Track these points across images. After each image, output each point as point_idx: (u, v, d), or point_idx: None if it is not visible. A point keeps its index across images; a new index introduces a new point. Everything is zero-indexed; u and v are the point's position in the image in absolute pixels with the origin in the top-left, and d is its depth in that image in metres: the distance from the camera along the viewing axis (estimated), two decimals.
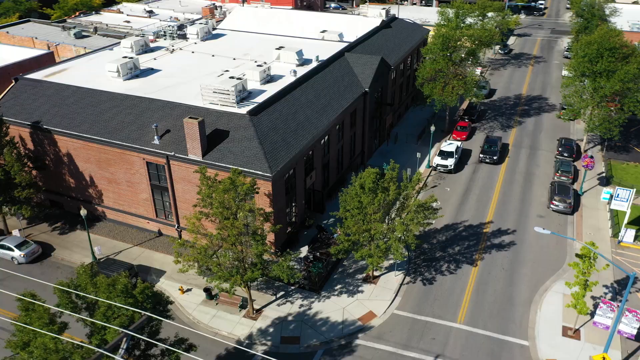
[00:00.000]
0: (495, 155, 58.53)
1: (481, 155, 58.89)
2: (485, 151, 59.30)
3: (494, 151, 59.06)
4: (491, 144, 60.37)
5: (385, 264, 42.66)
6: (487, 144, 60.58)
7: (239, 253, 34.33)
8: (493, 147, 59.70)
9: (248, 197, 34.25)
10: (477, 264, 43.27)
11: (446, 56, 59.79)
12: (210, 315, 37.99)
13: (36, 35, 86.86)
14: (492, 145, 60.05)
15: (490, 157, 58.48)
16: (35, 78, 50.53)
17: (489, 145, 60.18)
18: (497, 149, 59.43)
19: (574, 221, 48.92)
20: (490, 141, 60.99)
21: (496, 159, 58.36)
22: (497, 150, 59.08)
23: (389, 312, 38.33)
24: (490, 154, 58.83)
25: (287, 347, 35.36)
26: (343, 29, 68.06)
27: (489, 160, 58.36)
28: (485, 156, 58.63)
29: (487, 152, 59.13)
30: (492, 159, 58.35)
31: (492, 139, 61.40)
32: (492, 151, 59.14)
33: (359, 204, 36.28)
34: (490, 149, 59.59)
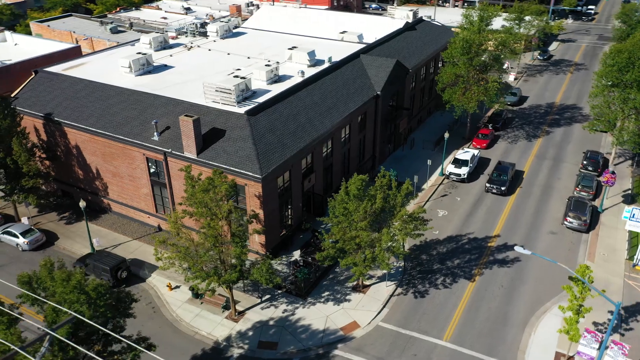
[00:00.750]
0: (503, 185, 52.01)
1: (487, 184, 52.59)
2: (492, 180, 52.73)
3: (503, 181, 52.47)
4: (501, 172, 53.44)
5: (378, 273, 41.49)
6: (496, 171, 53.75)
7: (219, 254, 34.03)
8: (502, 176, 52.91)
9: (226, 198, 33.81)
10: (475, 279, 41.39)
11: (467, 61, 57.64)
12: (194, 314, 37.94)
13: (74, 29, 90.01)
14: (502, 174, 53.17)
15: (498, 187, 51.95)
16: (53, 71, 52.09)
17: (499, 174, 53.29)
18: (507, 178, 52.70)
19: (588, 240, 46.09)
20: (501, 169, 54.02)
21: (504, 189, 51.83)
22: (506, 180, 52.52)
23: (374, 323, 37.15)
24: (498, 183, 52.26)
25: (264, 352, 34.82)
26: (365, 30, 66.94)
27: (495, 191, 52.01)
28: (492, 186, 52.18)
29: (494, 182, 52.49)
30: (500, 189, 51.83)
31: (503, 166, 54.47)
32: (500, 181, 52.54)
33: (345, 211, 35.31)
34: (499, 178, 52.81)
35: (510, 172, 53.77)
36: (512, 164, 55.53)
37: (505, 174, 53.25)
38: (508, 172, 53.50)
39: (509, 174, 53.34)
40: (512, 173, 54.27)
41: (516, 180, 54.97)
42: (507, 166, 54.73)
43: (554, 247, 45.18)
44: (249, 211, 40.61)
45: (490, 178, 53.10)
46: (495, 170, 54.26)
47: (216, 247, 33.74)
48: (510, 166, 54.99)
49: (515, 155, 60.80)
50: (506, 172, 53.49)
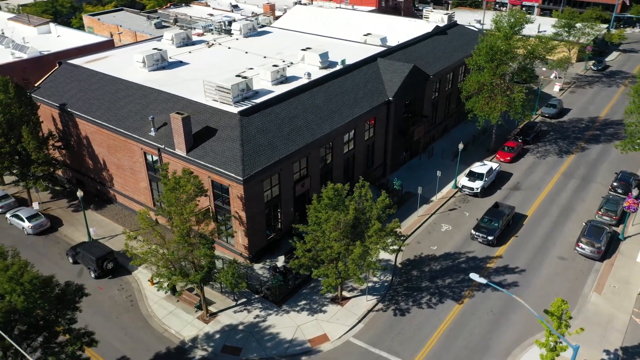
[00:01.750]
0: (491, 234, 43.68)
1: (473, 231, 44.67)
2: (480, 226, 44.51)
3: (492, 229, 44.07)
4: (493, 218, 44.99)
5: (361, 286, 39.92)
6: (487, 216, 45.39)
7: (188, 253, 33.86)
8: (493, 223, 44.52)
9: (193, 198, 33.49)
10: (463, 301, 38.99)
11: (491, 68, 54.58)
12: (167, 311, 38.02)
13: (121, 23, 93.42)
14: (494, 220, 44.72)
15: (484, 236, 43.75)
16: (75, 63, 54.00)
17: (490, 219, 44.91)
18: (497, 226, 44.30)
19: (600, 269, 42.35)
20: (494, 213, 45.75)
21: (492, 239, 43.53)
22: (496, 229, 44.09)
23: (344, 338, 35.76)
24: (486, 231, 43.89)
25: (226, 356, 34.32)
26: (394, 33, 65.20)
27: (481, 240, 44.06)
28: (478, 234, 44.12)
29: (481, 229, 44.20)
30: (487, 239, 43.69)
31: (497, 211, 46.16)
32: (489, 228, 44.14)
33: (317, 219, 34.15)
34: (489, 225, 44.38)
35: (504, 219, 45.51)
36: (510, 207, 47.46)
37: (497, 220, 44.86)
38: (502, 219, 45.19)
39: (502, 221, 45.05)
40: (507, 219, 46.10)
41: (513, 227, 46.88)
42: (503, 211, 46.45)
43: (559, 274, 41.86)
44: (233, 212, 40.31)
45: (478, 224, 45.16)
46: (486, 214, 45.93)
47: (184, 247, 33.56)
48: (508, 210, 46.94)
49: (540, 172, 57.05)
50: (499, 218, 45.09)
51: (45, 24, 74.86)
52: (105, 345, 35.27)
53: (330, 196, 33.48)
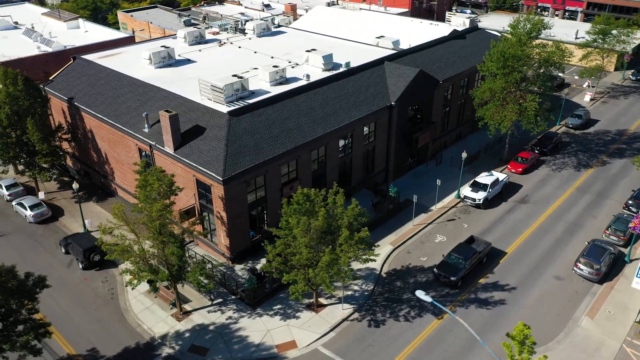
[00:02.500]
0: (454, 274, 38.98)
1: (436, 269, 40.00)
2: (443, 264, 39.99)
3: (456, 268, 39.30)
4: (460, 255, 40.11)
5: (339, 293, 39.12)
6: (455, 253, 40.71)
7: (158, 251, 34.07)
8: (460, 261, 39.81)
9: (161, 196, 33.59)
10: (443, 317, 37.51)
11: (502, 75, 52.45)
12: (144, 307, 38.43)
13: (152, 20, 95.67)
14: (461, 258, 39.94)
15: (447, 275, 39.14)
16: (88, 58, 55.50)
17: (456, 257, 40.19)
18: (464, 266, 39.54)
19: (597, 292, 39.89)
20: (462, 250, 40.72)
21: (454, 280, 38.84)
22: (462, 269, 39.36)
23: (313, 346, 35.09)
24: (449, 271, 39.20)
25: (192, 356, 34.32)
26: (409, 36, 63.69)
27: (443, 279, 39.47)
28: (440, 272, 39.56)
29: (444, 267, 39.64)
30: (449, 279, 38.98)
31: (467, 248, 40.99)
32: (453, 267, 39.42)
33: (287, 224, 33.64)
34: (454, 263, 39.72)
35: (474, 257, 40.53)
36: (485, 244, 42.42)
37: (464, 259, 39.90)
38: (470, 257, 40.21)
39: (470, 260, 40.13)
40: (478, 257, 41.04)
41: (488, 265, 41.91)
42: (474, 248, 41.21)
43: (552, 294, 39.72)
44: (215, 212, 40.33)
45: (443, 260, 40.79)
46: (453, 250, 41.16)
47: (156, 245, 33.78)
48: (482, 247, 41.93)
49: (553, 185, 54.41)
50: (467, 257, 40.10)
51: (74, 20, 77.51)
52: (78, 335, 36.15)
53: (300, 201, 32.87)
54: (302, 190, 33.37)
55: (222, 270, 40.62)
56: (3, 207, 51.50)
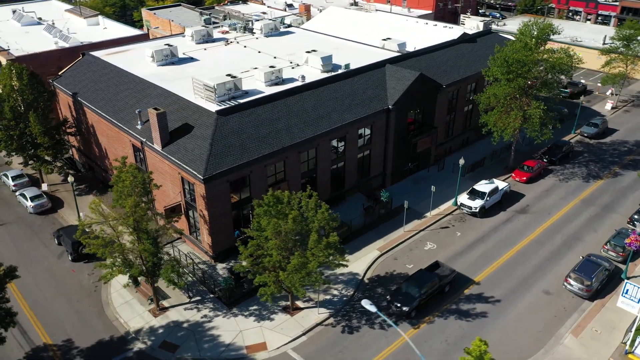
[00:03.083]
0: (408, 304, 36.02)
1: (389, 297, 37.37)
2: (396, 293, 37.12)
3: (410, 298, 36.34)
4: (415, 284, 37.07)
5: (316, 297, 38.78)
6: (410, 281, 37.72)
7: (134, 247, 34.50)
8: (413, 290, 36.76)
9: (134, 193, 33.91)
10: (420, 326, 36.68)
11: (506, 81, 50.96)
12: (124, 300, 38.98)
13: (174, 18, 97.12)
14: (415, 286, 36.85)
15: (399, 306, 36.25)
16: (96, 55, 56.76)
17: (409, 285, 37.28)
18: (418, 295, 36.38)
19: (586, 310, 38.27)
20: (420, 278, 37.66)
21: (407, 310, 35.85)
22: (415, 298, 36.31)
23: (283, 349, 34.86)
24: (402, 300, 36.27)
25: (162, 352, 34.59)
26: (418, 39, 62.68)
27: (394, 309, 36.57)
28: (393, 302, 36.72)
29: (398, 296, 36.74)
30: (401, 309, 36.08)
31: (425, 275, 37.85)
32: (406, 297, 36.44)
33: (258, 225, 33.52)
34: (407, 292, 36.70)
35: (431, 286, 37.34)
36: (450, 271, 39.15)
37: (420, 287, 36.78)
38: (426, 286, 37.08)
39: (427, 289, 37.04)
40: (437, 286, 37.84)
41: (451, 293, 38.86)
42: (431, 277, 37.91)
43: (537, 309, 38.33)
44: (198, 211, 40.59)
45: (397, 288, 37.92)
46: (410, 278, 38.32)
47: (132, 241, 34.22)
48: (446, 273, 38.74)
49: (557, 196, 52.57)
50: (423, 285, 36.98)
51: (94, 16, 79.36)
52: (56, 325, 36.96)
53: (270, 203, 32.70)
54: (272, 192, 33.19)
55: (202, 268, 40.86)
56: (8, 197, 53.19)
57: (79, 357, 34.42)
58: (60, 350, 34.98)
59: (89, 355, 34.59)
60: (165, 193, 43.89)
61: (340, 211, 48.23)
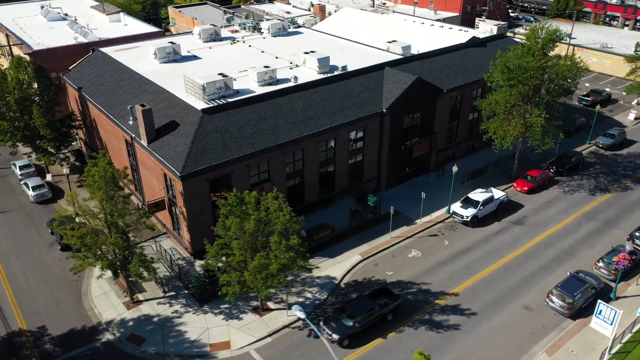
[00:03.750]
0: (340, 333, 34.08)
1: (322, 323, 35.33)
2: (331, 319, 35.15)
3: (343, 326, 34.27)
4: (352, 311, 34.74)
5: (291, 299, 38.67)
6: (346, 306, 35.66)
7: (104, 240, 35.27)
8: (345, 321, 34.50)
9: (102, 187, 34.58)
10: (388, 336, 36.01)
11: (508, 87, 49.44)
12: (102, 291, 39.91)
13: (197, 16, 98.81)
14: (352, 314, 34.56)
15: (330, 333, 34.30)
16: (104, 51, 58.29)
17: (347, 313, 34.97)
18: (352, 323, 34.29)
19: (565, 328, 36.71)
20: (356, 305, 35.44)
21: (338, 339, 33.95)
22: (351, 327, 34.30)
23: (246, 349, 34.91)
24: (334, 328, 34.29)
25: (128, 345, 35.24)
26: (426, 42, 61.55)
27: (326, 336, 34.41)
28: (325, 329, 34.77)
29: (331, 323, 34.79)
30: (331, 337, 34.15)
31: (361, 303, 35.44)
32: (339, 324, 34.42)
33: (223, 224, 33.67)
34: (338, 322, 34.52)
35: (370, 314, 34.98)
36: (394, 299, 36.64)
37: (355, 316, 34.56)
38: (365, 314, 34.73)
39: (364, 317, 34.69)
40: (377, 314, 35.38)
41: (395, 322, 36.40)
42: (370, 304, 35.49)
43: (515, 325, 37.04)
44: (178, 207, 41.13)
45: (333, 314, 36.06)
46: (347, 304, 35.95)
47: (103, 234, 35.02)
48: (389, 300, 36.34)
49: (558, 208, 50.66)
50: (358, 313, 34.68)
51: (116, 13, 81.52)
52: (34, 312, 38.20)
53: (233, 203, 32.79)
54: (235, 192, 33.28)
55: (180, 264, 41.41)
56: (15, 185, 55.32)
57: (50, 344, 35.45)
58: (34, 336, 36.12)
59: (59, 343, 35.57)
60: (152, 188, 44.71)
61: (328, 214, 48.30)
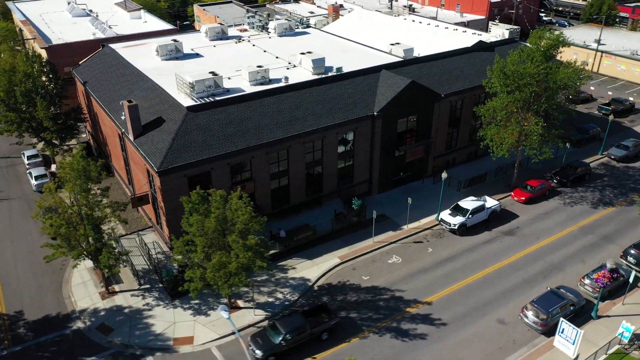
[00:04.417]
0: (263, 350, 32.68)
1: (250, 339, 34.13)
2: (255, 336, 33.97)
3: (269, 343, 33.04)
4: (281, 329, 33.49)
5: (261, 299, 38.81)
6: (273, 325, 34.48)
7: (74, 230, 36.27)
8: (272, 337, 33.38)
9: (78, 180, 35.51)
10: (351, 340, 35.66)
11: (506, 94, 48.06)
12: (82, 281, 41.09)
13: (219, 14, 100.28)
14: (278, 331, 33.52)
15: (253, 349, 32.98)
16: (113, 47, 59.92)
17: (272, 329, 34.03)
18: (280, 341, 33.02)
19: (537, 345, 35.40)
20: (287, 322, 34.01)
21: (260, 356, 32.65)
22: (276, 345, 33.02)
23: (207, 346, 35.23)
24: (259, 345, 33.02)
25: (96, 334, 36.14)
26: (432, 45, 60.53)
27: (250, 352, 32.80)
28: (251, 344, 33.50)
29: (255, 340, 33.58)
30: (254, 354, 32.78)
31: (292, 320, 34.10)
32: (265, 341, 33.19)
33: (187, 221, 34.09)
34: (265, 338, 33.43)
35: (299, 332, 33.54)
36: (330, 317, 35.12)
37: (283, 333, 33.16)
38: (294, 332, 33.35)
39: (293, 335, 33.32)
40: (308, 333, 33.90)
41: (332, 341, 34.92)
42: (301, 321, 33.95)
43: (484, 338, 36.00)
44: (159, 202, 41.87)
45: (261, 332, 34.64)
46: (278, 321, 34.53)
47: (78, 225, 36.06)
48: (325, 320, 34.67)
49: (554, 220, 48.92)
50: (287, 331, 33.27)
51: (136, 10, 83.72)
52: (16, 297, 39.70)
53: (195, 200, 33.15)
54: (197, 190, 33.63)
55: (159, 258, 42.16)
56: (22, 174, 57.65)
57: (24, 329, 36.77)
58: (10, 320, 37.54)
59: (32, 327, 36.85)
60: (139, 183, 45.70)
61: (313, 215, 48.21)
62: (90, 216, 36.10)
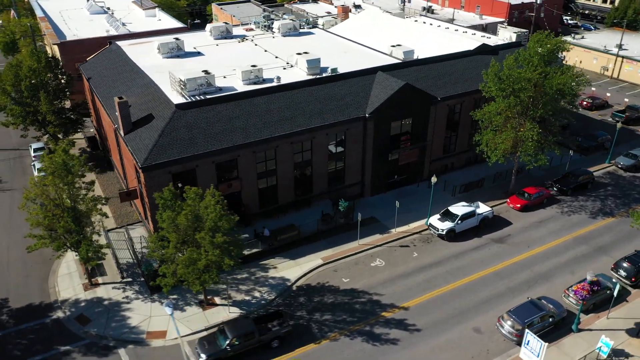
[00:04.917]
0: (208, 353, 32.62)
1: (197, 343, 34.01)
2: (202, 340, 33.92)
3: (214, 347, 32.88)
4: (229, 333, 32.88)
5: (238, 297, 39.09)
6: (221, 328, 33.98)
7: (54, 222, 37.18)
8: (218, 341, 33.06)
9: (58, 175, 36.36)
10: (322, 342, 35.59)
11: (502, 98, 47.12)
12: (68, 272, 42.12)
13: (236, 14, 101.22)
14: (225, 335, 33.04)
15: (199, 353, 32.96)
16: (119, 44, 61.19)
17: (219, 332, 33.66)
18: (226, 346, 32.48)
19: (511, 356, 34.60)
20: (235, 326, 33.53)
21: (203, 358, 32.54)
22: (221, 350, 32.65)
23: (179, 341, 35.60)
24: (204, 348, 32.95)
25: (74, 324, 36.99)
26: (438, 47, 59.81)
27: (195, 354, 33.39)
28: (198, 348, 33.42)
29: (201, 343, 33.56)
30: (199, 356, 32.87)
31: (241, 326, 33.51)
32: (211, 344, 33.08)
33: (160, 217, 34.57)
34: (211, 342, 33.21)
35: (247, 339, 33.06)
36: (281, 325, 34.54)
37: (230, 337, 32.65)
38: (241, 338, 32.88)
39: (236, 341, 32.71)
40: (256, 339, 33.40)
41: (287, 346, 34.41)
42: (247, 327, 33.45)
43: (457, 346, 35.42)
44: (145, 197, 42.57)
45: (210, 336, 34.45)
46: (227, 324, 34.20)
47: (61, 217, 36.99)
48: (275, 328, 34.10)
49: (548, 229, 47.76)
50: (234, 335, 32.80)
51: (152, 9, 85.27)
52: (2, 285, 40.92)
53: (166, 197, 33.60)
54: (169, 188, 34.05)
55: (144, 252, 42.87)
56: (28, 166, 59.47)
57: (6, 316, 37.93)
58: None
59: (15, 315, 37.99)
60: (130, 177, 46.57)
61: (301, 216, 48.24)
62: (72, 209, 36.92)
